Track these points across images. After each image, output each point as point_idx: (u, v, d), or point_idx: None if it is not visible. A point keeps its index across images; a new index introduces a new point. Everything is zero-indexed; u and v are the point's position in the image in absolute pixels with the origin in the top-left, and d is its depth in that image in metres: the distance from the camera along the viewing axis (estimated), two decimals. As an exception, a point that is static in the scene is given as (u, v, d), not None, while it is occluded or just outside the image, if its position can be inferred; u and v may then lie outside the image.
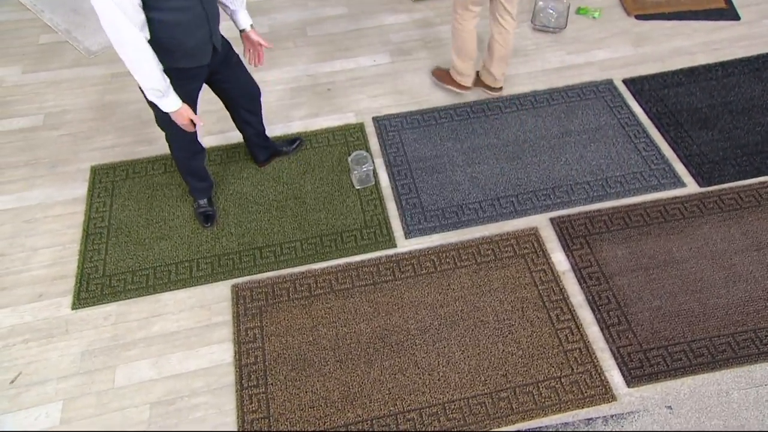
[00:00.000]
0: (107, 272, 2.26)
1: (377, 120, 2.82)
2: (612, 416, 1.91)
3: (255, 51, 2.06)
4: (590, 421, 1.90)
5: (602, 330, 2.09)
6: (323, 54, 3.18)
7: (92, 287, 2.22)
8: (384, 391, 1.96)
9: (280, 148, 2.62)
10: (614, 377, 1.99)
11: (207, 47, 1.80)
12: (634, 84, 2.95)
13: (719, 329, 2.08)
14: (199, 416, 1.93)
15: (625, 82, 2.96)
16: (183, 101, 1.81)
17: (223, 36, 1.92)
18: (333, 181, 2.57)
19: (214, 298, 2.20)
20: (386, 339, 2.08)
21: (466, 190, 2.52)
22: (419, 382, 1.98)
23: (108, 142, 2.74)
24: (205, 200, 2.41)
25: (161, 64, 1.67)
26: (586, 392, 1.95)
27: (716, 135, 2.71)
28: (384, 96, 2.95)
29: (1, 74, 3.08)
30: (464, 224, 2.41)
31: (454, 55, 2.73)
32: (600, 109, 2.84)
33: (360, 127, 2.79)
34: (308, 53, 3.19)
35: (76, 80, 3.04)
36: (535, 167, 2.61)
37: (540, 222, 2.42)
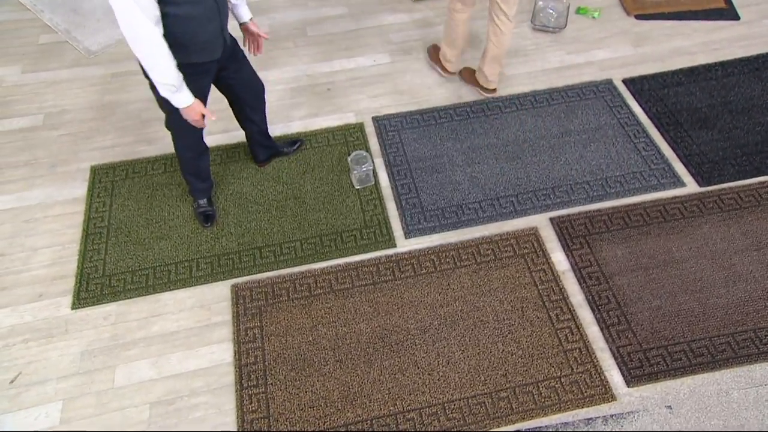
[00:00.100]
0: (107, 272, 2.27)
1: (377, 120, 2.82)
2: (612, 416, 1.91)
3: (255, 41, 2.13)
4: (590, 421, 1.90)
5: (602, 330, 2.09)
6: (323, 54, 3.18)
7: (92, 287, 2.22)
8: (384, 391, 1.96)
9: (281, 149, 2.63)
10: (614, 377, 1.99)
11: (219, 41, 1.84)
12: (634, 84, 2.95)
13: (719, 329, 2.08)
14: (199, 416, 1.93)
15: (625, 82, 2.96)
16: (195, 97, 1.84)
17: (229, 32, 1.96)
18: (333, 181, 2.57)
19: (214, 298, 2.20)
20: (386, 339, 2.08)
21: (466, 190, 2.52)
22: (419, 382, 1.98)
23: (108, 142, 2.74)
24: (205, 200, 2.42)
25: (175, 60, 1.70)
26: (586, 392, 1.95)
27: (716, 135, 2.71)
28: (384, 96, 2.95)
29: (1, 74, 3.08)
30: (464, 224, 2.41)
31: (443, 41, 2.87)
32: (600, 109, 2.84)
33: (360, 127, 2.79)
34: (308, 53, 3.19)
35: (76, 80, 3.04)
36: (535, 167, 2.61)
37: (540, 222, 2.42)
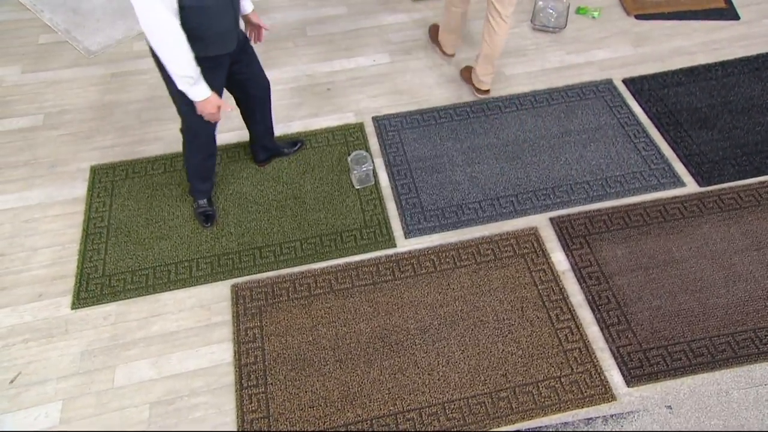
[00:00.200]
0: (107, 272, 2.26)
1: (377, 120, 2.82)
2: (612, 416, 1.91)
3: (256, 31, 2.16)
4: (590, 421, 1.90)
5: (602, 330, 2.09)
6: (323, 54, 3.18)
7: (92, 287, 2.22)
8: (384, 391, 1.96)
9: (282, 149, 2.63)
10: (614, 377, 1.99)
11: (233, 33, 1.86)
12: (634, 84, 2.95)
13: (719, 329, 2.08)
14: (199, 416, 1.93)
15: (625, 82, 2.96)
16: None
17: None
18: (333, 181, 2.57)
19: (214, 298, 2.20)
20: (386, 339, 2.07)
21: (466, 190, 2.52)
22: (419, 382, 1.98)
23: (108, 142, 2.74)
24: (205, 200, 2.42)
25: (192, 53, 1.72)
26: (586, 392, 1.95)
27: (716, 135, 2.71)
28: (383, 96, 2.95)
29: (1, 74, 3.07)
30: (464, 224, 2.41)
31: (441, 25, 2.96)
32: (600, 109, 2.84)
33: (360, 127, 2.79)
34: (308, 53, 3.19)
35: (76, 80, 3.04)
36: (535, 167, 2.61)
37: (540, 222, 2.42)
